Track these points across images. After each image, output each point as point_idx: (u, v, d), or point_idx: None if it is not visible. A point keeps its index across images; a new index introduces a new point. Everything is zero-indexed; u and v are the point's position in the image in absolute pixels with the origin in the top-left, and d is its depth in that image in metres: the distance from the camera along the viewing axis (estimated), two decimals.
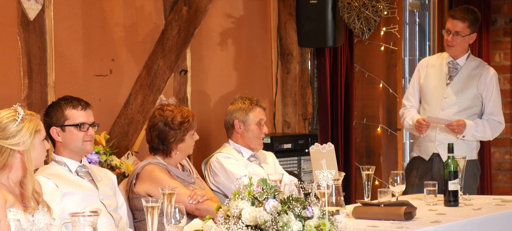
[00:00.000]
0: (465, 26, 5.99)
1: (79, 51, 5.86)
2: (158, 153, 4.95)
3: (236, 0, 6.90)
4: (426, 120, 5.95)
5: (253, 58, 7.06)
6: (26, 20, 5.50)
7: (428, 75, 6.14)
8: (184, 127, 4.93)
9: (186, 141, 4.96)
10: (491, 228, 4.66)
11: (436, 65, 6.16)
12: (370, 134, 7.01)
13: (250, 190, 3.38)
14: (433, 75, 6.13)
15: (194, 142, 5.03)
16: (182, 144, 4.94)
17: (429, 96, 6.09)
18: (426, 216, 4.54)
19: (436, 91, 6.07)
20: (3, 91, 5.24)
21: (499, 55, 8.97)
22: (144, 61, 6.25)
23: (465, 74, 6.08)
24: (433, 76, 6.12)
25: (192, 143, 5.01)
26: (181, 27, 6.44)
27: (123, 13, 6.13)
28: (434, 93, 6.07)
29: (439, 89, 6.06)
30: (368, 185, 4.89)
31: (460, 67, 6.09)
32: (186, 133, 4.94)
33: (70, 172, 4.42)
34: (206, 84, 6.67)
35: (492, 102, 6.13)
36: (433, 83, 6.10)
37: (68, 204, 4.22)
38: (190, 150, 5.05)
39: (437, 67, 6.15)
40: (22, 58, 5.49)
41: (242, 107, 5.32)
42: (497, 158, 8.97)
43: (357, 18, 6.88)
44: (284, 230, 3.30)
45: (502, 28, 8.94)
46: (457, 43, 6.02)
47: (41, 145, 3.83)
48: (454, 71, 6.08)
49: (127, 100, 6.16)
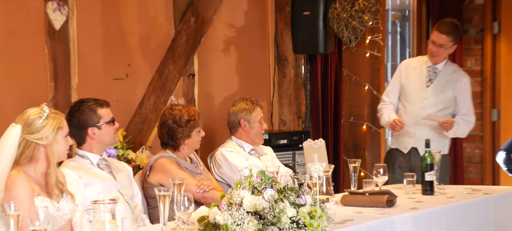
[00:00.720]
0: (449, 39, 5.98)
1: (99, 57, 5.86)
2: (169, 147, 4.96)
3: (238, 12, 6.90)
4: (425, 118, 5.94)
5: (253, 64, 7.06)
6: (52, 30, 5.49)
7: (410, 77, 6.11)
8: (190, 125, 4.94)
9: (192, 137, 4.96)
10: (462, 214, 4.66)
11: (417, 68, 6.13)
12: (357, 131, 7.01)
13: (251, 180, 3.38)
14: (414, 77, 6.10)
15: (201, 137, 5.04)
16: (189, 140, 4.95)
17: (410, 96, 6.07)
18: (405, 204, 4.54)
19: (417, 92, 6.05)
20: (32, 93, 5.23)
21: (470, 61, 8.98)
22: (157, 66, 6.25)
23: (443, 78, 6.07)
24: (414, 78, 6.09)
25: (198, 138, 5.01)
26: (189, 36, 6.43)
27: (138, 23, 6.13)
28: (415, 94, 6.05)
29: (420, 91, 6.04)
30: (355, 176, 4.89)
31: (439, 72, 6.08)
32: (192, 130, 4.95)
33: (92, 165, 4.42)
34: (211, 86, 6.67)
35: (466, 104, 6.14)
36: (415, 85, 6.08)
37: (90, 193, 4.22)
38: (197, 145, 5.05)
39: (418, 70, 6.12)
40: (48, 64, 5.48)
41: (245, 108, 5.33)
42: (468, 152, 8.99)
43: (345, 28, 6.88)
44: (281, 216, 3.29)
45: (473, 37, 8.94)
46: (440, 53, 6.02)
47: (64, 140, 3.83)
48: (433, 75, 6.07)
49: (142, 101, 6.15)
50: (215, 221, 3.33)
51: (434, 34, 6.05)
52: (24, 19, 5.37)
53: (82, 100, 4.51)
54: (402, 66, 6.22)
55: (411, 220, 4.23)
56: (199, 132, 5.00)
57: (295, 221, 3.31)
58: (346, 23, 6.86)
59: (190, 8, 6.43)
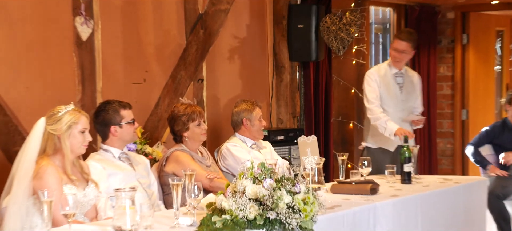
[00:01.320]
0: (409, 46, 5.90)
1: (120, 65, 5.85)
2: (180, 141, 4.97)
3: (241, 25, 6.90)
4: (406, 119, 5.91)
5: (254, 70, 7.05)
6: (79, 41, 5.49)
7: (384, 85, 5.93)
8: (183, 119, 4.90)
9: (190, 129, 4.91)
10: (436, 200, 4.66)
11: (386, 76, 5.97)
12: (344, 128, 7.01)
13: (252, 171, 3.38)
14: (387, 85, 5.94)
15: (203, 130, 4.97)
16: (188, 132, 4.91)
17: (389, 102, 5.91)
18: (387, 191, 4.54)
19: (395, 98, 5.93)
20: (62, 95, 5.23)
21: (443, 67, 8.99)
22: (170, 72, 6.24)
23: (408, 80, 6.01)
24: (388, 86, 5.94)
25: (199, 131, 4.94)
26: (199, 46, 6.43)
27: (154, 35, 6.12)
28: (393, 100, 5.92)
29: (396, 96, 5.95)
30: (343, 167, 4.89)
31: (404, 76, 6.01)
32: (188, 123, 4.91)
33: (114, 158, 4.42)
34: (218, 89, 6.66)
35: (419, 98, 6.10)
36: (391, 91, 5.94)
37: (112, 182, 4.22)
38: (199, 137, 4.98)
39: (388, 78, 5.96)
40: (76, 70, 5.48)
41: (247, 108, 5.33)
42: (441, 147, 9.00)
43: (334, 39, 6.87)
44: (278, 202, 3.29)
45: (445, 47, 8.96)
46: (402, 59, 5.94)
47: (79, 135, 3.80)
48: (400, 80, 5.99)
49: (157, 102, 6.15)
50: (221, 206, 3.32)
51: (396, 42, 5.95)
52: (56, 32, 5.37)
53: (107, 102, 4.51)
54: (374, 76, 5.94)
55: (391, 206, 4.24)
56: (198, 125, 4.93)
57: (291, 207, 3.31)
58: (335, 35, 6.86)
59: (199, 22, 6.43)
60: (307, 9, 7.06)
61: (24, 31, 5.18)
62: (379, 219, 4.10)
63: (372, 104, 5.85)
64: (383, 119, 5.74)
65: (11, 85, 5.10)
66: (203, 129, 4.97)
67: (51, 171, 3.66)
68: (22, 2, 5.16)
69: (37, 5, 5.24)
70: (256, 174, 3.36)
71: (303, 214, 3.32)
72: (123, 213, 3.25)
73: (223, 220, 3.28)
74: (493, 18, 9.40)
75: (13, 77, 5.12)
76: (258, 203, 3.30)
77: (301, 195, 3.35)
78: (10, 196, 3.68)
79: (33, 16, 5.23)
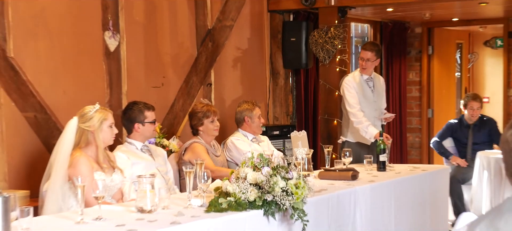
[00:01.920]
0: (373, 54, 5.78)
1: (142, 71, 5.85)
2: (196, 134, 4.95)
3: (243, 38, 6.89)
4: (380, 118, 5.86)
5: (254, 76, 7.05)
6: (108, 51, 5.49)
7: (360, 90, 5.80)
8: (199, 115, 4.90)
9: (205, 124, 4.91)
10: (406, 185, 4.65)
11: (361, 82, 5.84)
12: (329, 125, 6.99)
13: (252, 161, 3.38)
14: (362, 90, 5.84)
15: (216, 126, 4.95)
16: (202, 126, 4.90)
17: (365, 103, 5.81)
18: (365, 177, 4.53)
19: (369, 101, 5.86)
20: (93, 97, 5.21)
21: (412, 74, 9.00)
22: (184, 78, 6.24)
23: (377, 83, 5.97)
24: (363, 91, 5.83)
25: (212, 126, 4.93)
26: (208, 56, 6.43)
27: (170, 46, 6.12)
28: (368, 102, 5.83)
29: (371, 99, 5.89)
30: (328, 157, 4.87)
31: (373, 81, 5.95)
32: (203, 119, 4.90)
33: (137, 149, 4.41)
34: (224, 92, 6.66)
35: (384, 97, 6.05)
36: (366, 96, 5.85)
37: (135, 169, 4.21)
38: (212, 132, 4.97)
39: (361, 84, 5.84)
40: (105, 76, 5.48)
41: (248, 108, 5.31)
42: (411, 140, 9.00)
43: (321, 50, 6.86)
44: (274, 187, 3.29)
45: (414, 56, 8.96)
46: (368, 66, 5.81)
47: (109, 129, 3.80)
48: (371, 84, 5.94)
49: (173, 103, 6.15)
50: (226, 190, 3.32)
51: (362, 52, 5.83)
52: (88, 44, 5.37)
53: (135, 102, 4.50)
54: (352, 83, 5.79)
55: (369, 189, 4.23)
56: (212, 121, 4.93)
57: (285, 190, 3.30)
58: (321, 46, 6.84)
59: (208, 36, 6.43)
60: (298, 25, 7.06)
61: (61, 43, 5.17)
62: (359, 200, 4.09)
63: (354, 109, 5.73)
64: (365, 124, 5.61)
65: (51, 89, 5.10)
66: (216, 126, 4.96)
67: (84, 160, 3.67)
68: (60, 19, 5.16)
69: (72, 21, 5.24)
70: (256, 163, 3.36)
71: (295, 196, 3.32)
72: (144, 195, 3.26)
73: (228, 201, 3.28)
74: (454, 33, 9.42)
75: (52, 83, 5.12)
76: (258, 187, 3.30)
77: (293, 180, 3.34)
78: (49, 181, 3.68)
79: (69, 31, 5.22)
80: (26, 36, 4.93)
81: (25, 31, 4.92)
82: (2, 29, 4.78)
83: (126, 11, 5.61)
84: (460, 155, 6.64)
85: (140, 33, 5.82)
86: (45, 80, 5.07)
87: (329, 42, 6.80)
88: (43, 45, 5.06)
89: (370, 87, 5.88)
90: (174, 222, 3.04)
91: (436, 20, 8.64)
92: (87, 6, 5.34)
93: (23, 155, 4.92)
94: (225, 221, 3.16)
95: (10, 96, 4.86)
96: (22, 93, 4.92)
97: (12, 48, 4.84)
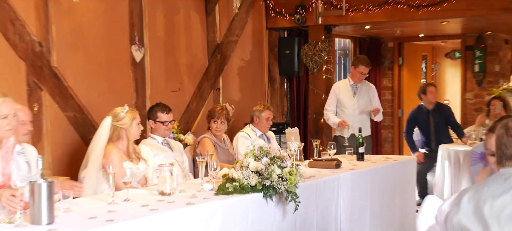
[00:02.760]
0: (368, 69, 5.91)
1: (162, 78, 5.85)
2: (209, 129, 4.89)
3: (246, 51, 6.89)
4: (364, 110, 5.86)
5: (255, 82, 7.05)
6: (134, 62, 5.49)
7: (342, 93, 5.91)
8: (212, 115, 4.84)
9: (210, 123, 4.85)
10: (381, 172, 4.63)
11: (346, 87, 5.93)
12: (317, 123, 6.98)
13: (254, 152, 3.37)
14: (345, 93, 5.92)
15: (216, 127, 4.82)
16: (214, 124, 4.85)
17: (345, 104, 5.89)
18: (347, 166, 4.51)
19: (349, 102, 5.90)
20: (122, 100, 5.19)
21: (385, 80, 8.99)
22: (197, 84, 6.24)
23: (362, 90, 5.97)
24: (345, 94, 5.92)
25: (214, 126, 4.81)
26: (217, 65, 6.42)
27: (186, 57, 6.12)
28: (348, 103, 5.89)
29: (350, 100, 5.90)
30: (316, 150, 4.87)
31: (358, 87, 5.97)
32: (209, 119, 4.84)
33: (158, 143, 4.40)
34: (230, 96, 6.65)
35: (376, 100, 6.05)
36: (346, 97, 5.91)
37: (157, 160, 4.20)
38: (214, 131, 4.84)
39: (345, 88, 5.93)
40: (132, 82, 5.48)
41: (259, 109, 5.23)
42: (384, 135, 9.00)
43: (310, 61, 6.86)
44: (272, 173, 3.28)
45: (387, 66, 8.96)
46: (362, 78, 5.93)
47: (137, 126, 3.80)
48: (355, 89, 5.96)
49: (188, 104, 6.14)
50: (232, 176, 3.32)
51: (362, 68, 5.83)
52: (118, 55, 5.37)
53: (157, 104, 4.45)
54: (335, 88, 5.97)
55: (350, 176, 4.22)
56: (215, 122, 4.81)
57: (280, 177, 3.30)
58: (311, 58, 6.84)
59: (217, 49, 6.42)
60: (291, 40, 7.05)
61: (96, 55, 5.17)
62: (342, 185, 4.08)
63: (326, 111, 5.99)
64: (331, 118, 5.90)
65: (87, 93, 5.10)
66: (217, 127, 4.81)
67: (115, 152, 3.66)
68: (95, 35, 5.16)
69: (105, 37, 5.24)
70: (257, 154, 3.36)
71: (289, 182, 3.31)
72: (164, 181, 3.25)
73: (233, 186, 3.28)
74: (420, 46, 9.41)
75: (89, 87, 5.12)
76: (258, 174, 3.30)
77: (287, 168, 3.34)
78: (86, 169, 3.68)
79: (102, 45, 5.23)
80: (67, 49, 4.94)
81: (66, 45, 4.93)
82: (47, 43, 4.79)
83: (149, 28, 5.61)
84: (426, 139, 6.58)
85: (161, 46, 5.81)
86: (83, 85, 5.08)
87: (317, 54, 6.80)
88: (81, 57, 5.06)
89: (353, 91, 5.94)
90: (189, 203, 3.04)
91: (405, 36, 8.64)
92: (117, 24, 5.34)
93: (64, 147, 4.92)
94: (231, 202, 3.16)
95: (54, 99, 4.86)
96: (63, 97, 4.92)
97: (55, 59, 4.84)
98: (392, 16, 6.41)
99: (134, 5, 5.46)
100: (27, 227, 2.52)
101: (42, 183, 2.55)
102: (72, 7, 4.92)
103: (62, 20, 4.89)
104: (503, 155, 2.10)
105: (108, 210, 2.86)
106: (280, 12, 6.91)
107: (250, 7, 6.78)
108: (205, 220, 3.00)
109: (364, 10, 6.46)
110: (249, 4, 6.76)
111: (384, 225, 4.58)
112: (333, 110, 5.98)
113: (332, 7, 6.49)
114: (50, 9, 4.78)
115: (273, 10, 6.94)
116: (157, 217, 2.78)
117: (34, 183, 2.55)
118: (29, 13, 4.66)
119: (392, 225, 4.67)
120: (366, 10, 6.44)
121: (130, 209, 2.92)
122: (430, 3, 6.14)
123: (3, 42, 4.53)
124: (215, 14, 6.37)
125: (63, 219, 2.65)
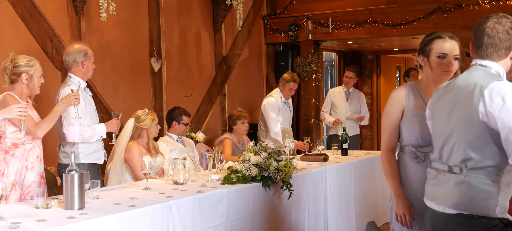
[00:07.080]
0: (353, 74, 5.99)
1: (177, 86, 5.83)
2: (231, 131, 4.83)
3: (247, 63, 6.87)
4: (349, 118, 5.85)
5: (255, 89, 7.02)
6: (153, 71, 5.47)
7: (336, 98, 5.98)
8: (232, 118, 4.82)
9: (237, 125, 4.80)
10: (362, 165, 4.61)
11: (340, 93, 5.99)
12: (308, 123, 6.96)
13: (253, 148, 3.36)
14: (339, 97, 5.97)
15: (245, 127, 4.79)
16: (235, 126, 4.80)
17: (339, 107, 5.94)
18: (333, 160, 4.50)
19: (342, 105, 5.94)
20: (143, 104, 5.20)
21: (366, 87, 8.96)
22: (206, 90, 6.22)
23: (354, 96, 6.00)
24: (339, 98, 5.97)
25: (242, 126, 4.78)
26: (223, 75, 6.40)
27: (197, 67, 6.10)
28: (341, 106, 5.93)
29: (343, 104, 5.95)
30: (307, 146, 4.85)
31: (350, 93, 6.00)
32: (236, 121, 4.80)
33: (174, 140, 4.38)
34: (233, 100, 6.63)
35: (364, 106, 6.07)
36: (340, 101, 5.94)
37: (172, 154, 4.19)
38: (242, 131, 4.81)
39: (339, 93, 5.99)
40: (151, 89, 5.47)
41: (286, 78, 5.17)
42: (365, 133, 8.97)
43: (302, 70, 6.84)
44: (269, 166, 3.27)
45: (367, 75, 8.93)
46: (350, 82, 5.98)
47: (155, 126, 3.80)
48: (348, 95, 5.99)
49: (198, 107, 6.12)
50: (236, 168, 3.31)
51: (346, 72, 6.01)
52: (139, 66, 5.36)
53: (179, 107, 4.45)
54: (330, 93, 6.08)
55: (336, 168, 4.21)
56: (242, 123, 4.78)
57: (277, 169, 3.29)
58: (302, 68, 6.83)
59: (223, 61, 6.41)
60: (286, 53, 7.03)
61: (121, 65, 5.16)
62: (329, 176, 4.07)
63: (322, 112, 6.05)
64: (326, 117, 5.93)
65: (114, 98, 5.09)
66: (246, 126, 4.78)
67: (136, 148, 3.65)
68: (120, 49, 5.15)
69: (128, 50, 5.23)
70: (257, 150, 3.34)
71: (284, 173, 3.30)
72: (178, 172, 3.24)
73: (237, 176, 3.26)
74: (394, 59, 9.40)
75: (115, 93, 5.10)
76: (257, 166, 3.28)
77: (283, 162, 3.33)
78: (112, 163, 3.66)
79: (126, 57, 5.22)
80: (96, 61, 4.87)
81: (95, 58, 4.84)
82: None
83: (166, 43, 5.60)
84: None
85: (176, 58, 5.80)
86: (109, 92, 5.06)
87: (308, 65, 6.80)
88: (108, 67, 5.05)
89: (346, 96, 5.95)
90: (199, 191, 3.03)
91: (382, 50, 8.63)
92: (138, 40, 5.33)
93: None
94: (235, 190, 3.15)
95: None
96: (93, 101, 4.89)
97: None
98: (371, 33, 6.43)
99: (153, 24, 5.46)
100: (61, 212, 2.50)
101: (74, 174, 2.53)
102: (100, 26, 4.92)
103: (92, 36, 4.89)
104: None
105: (131, 197, 2.85)
106: (277, 30, 6.92)
107: (251, 25, 6.79)
108: (213, 205, 2.99)
109: (347, 28, 6.48)
110: (250, 22, 6.76)
111: (366, 210, 4.56)
112: (328, 111, 6.04)
113: (320, 26, 6.56)
114: (82, 27, 4.79)
115: (271, 28, 6.94)
116: (173, 203, 2.77)
117: (68, 174, 2.54)
118: (64, 30, 4.68)
119: (373, 209, 4.66)
120: (349, 28, 6.46)
121: (149, 196, 2.91)
122: (403, 22, 6.18)
123: (42, 55, 4.55)
124: (222, 31, 6.36)
125: (92, 205, 2.65)
